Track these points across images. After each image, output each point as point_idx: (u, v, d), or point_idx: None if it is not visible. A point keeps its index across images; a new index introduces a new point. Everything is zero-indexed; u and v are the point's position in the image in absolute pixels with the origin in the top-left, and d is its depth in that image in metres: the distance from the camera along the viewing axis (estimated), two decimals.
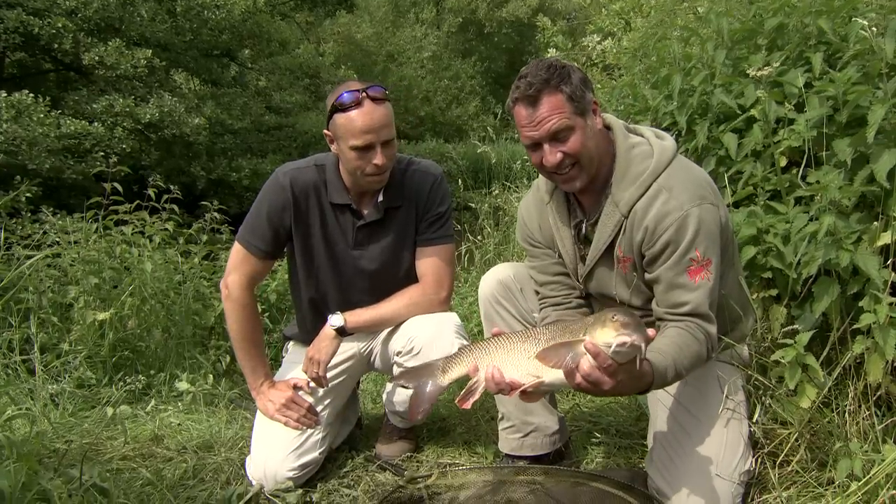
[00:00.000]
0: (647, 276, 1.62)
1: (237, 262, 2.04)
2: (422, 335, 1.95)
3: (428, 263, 2.06)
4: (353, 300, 2.06)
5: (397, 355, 2.00)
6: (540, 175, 1.80)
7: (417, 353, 1.94)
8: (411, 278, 2.10)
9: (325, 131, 1.95)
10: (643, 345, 1.24)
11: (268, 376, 2.08)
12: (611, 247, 1.65)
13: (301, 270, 2.10)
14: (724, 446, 1.62)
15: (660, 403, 1.76)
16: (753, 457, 1.68)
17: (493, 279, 1.96)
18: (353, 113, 1.84)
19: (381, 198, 2.02)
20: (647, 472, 1.72)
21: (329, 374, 2.05)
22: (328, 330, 1.98)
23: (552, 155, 1.57)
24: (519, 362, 1.38)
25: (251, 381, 2.07)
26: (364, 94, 1.84)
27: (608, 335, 1.25)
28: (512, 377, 1.39)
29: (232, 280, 2.03)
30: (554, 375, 1.35)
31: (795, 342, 1.63)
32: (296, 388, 2.04)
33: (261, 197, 2.04)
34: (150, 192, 3.57)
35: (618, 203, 1.61)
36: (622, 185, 1.61)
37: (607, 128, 1.68)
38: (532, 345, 1.38)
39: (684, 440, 1.65)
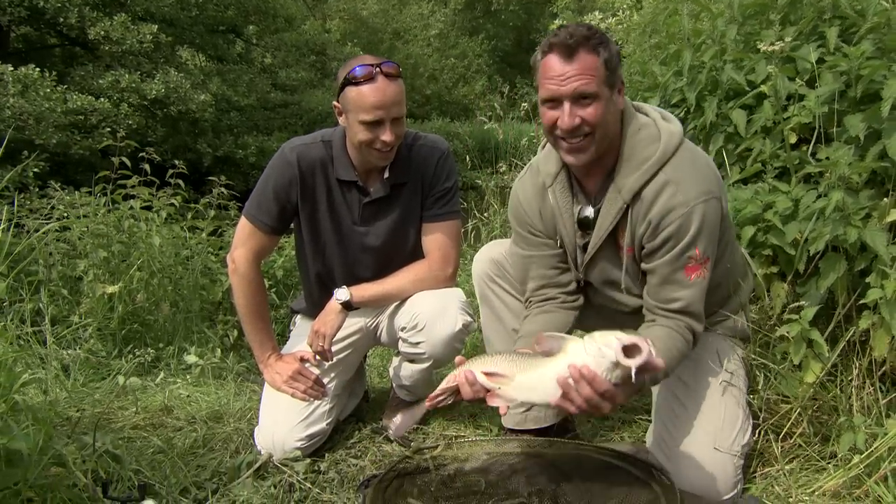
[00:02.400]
0: (643, 265, 1.61)
1: (244, 236, 2.05)
2: (426, 311, 1.96)
3: (434, 240, 2.06)
4: (359, 276, 2.07)
5: (402, 331, 2.02)
6: (539, 156, 1.74)
7: (422, 328, 1.96)
8: (417, 255, 2.10)
9: (335, 103, 1.94)
10: (651, 350, 1.24)
11: (275, 349, 2.10)
12: (612, 233, 1.62)
13: (308, 246, 2.11)
14: (723, 419, 1.63)
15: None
16: (753, 429, 1.69)
17: (486, 258, 1.96)
18: (366, 88, 1.82)
19: (387, 174, 2.01)
20: (649, 447, 1.74)
21: (335, 348, 2.07)
22: (334, 304, 1.99)
23: (570, 117, 1.48)
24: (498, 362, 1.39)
25: (258, 353, 2.10)
26: (378, 69, 1.82)
27: (610, 338, 1.25)
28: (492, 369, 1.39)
29: (238, 254, 2.04)
30: (541, 395, 1.35)
31: (800, 317, 1.64)
32: (302, 360, 2.06)
33: (267, 172, 2.03)
34: (145, 166, 3.56)
35: (620, 189, 1.56)
36: (626, 169, 1.56)
37: None
38: (514, 356, 1.39)
39: (683, 414, 1.67)
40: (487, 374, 1.39)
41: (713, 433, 1.62)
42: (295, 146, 2.02)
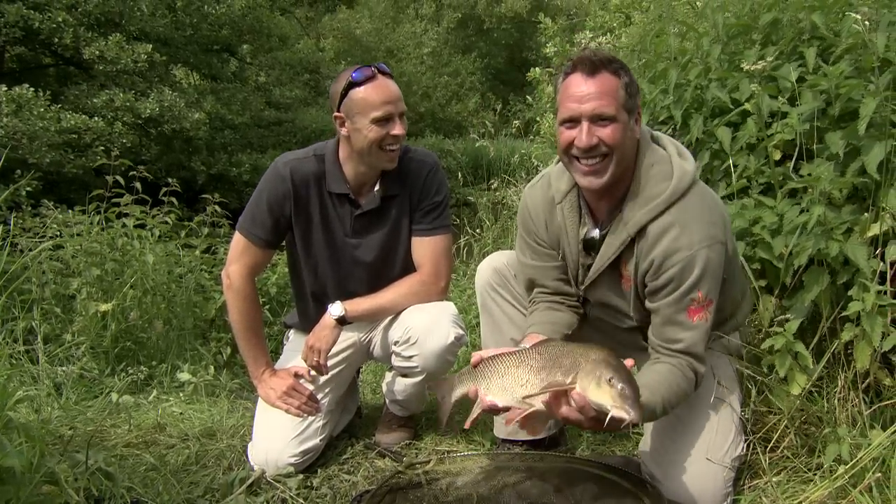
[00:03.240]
0: (647, 304, 1.63)
1: (238, 252, 2.06)
2: (418, 325, 1.98)
3: (426, 254, 2.08)
4: (351, 289, 2.09)
5: (395, 345, 2.04)
6: (554, 169, 1.75)
7: (414, 342, 1.97)
8: (408, 268, 2.12)
9: (336, 113, 1.96)
10: (639, 421, 1.27)
11: (269, 364, 2.11)
12: (616, 262, 1.64)
13: (301, 260, 2.12)
14: (716, 432, 1.65)
15: None
16: (744, 442, 1.71)
17: (488, 267, 1.99)
18: (370, 86, 1.88)
19: (377, 186, 2.04)
20: (641, 457, 1.75)
21: (329, 363, 2.08)
22: (328, 319, 2.01)
23: (588, 136, 1.50)
24: (513, 389, 1.42)
25: (252, 369, 2.11)
26: (375, 69, 1.90)
27: (604, 399, 1.27)
28: (505, 403, 1.42)
29: (233, 270, 2.06)
30: (542, 406, 1.39)
31: (785, 330, 1.67)
32: (297, 376, 2.07)
33: (261, 186, 2.05)
34: (137, 184, 3.58)
35: (627, 222, 1.57)
36: (635, 203, 1.56)
37: None
38: (524, 371, 1.41)
39: (677, 426, 1.69)
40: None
41: (706, 444, 1.64)
42: (288, 161, 2.05)
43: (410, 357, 2.00)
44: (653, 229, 1.54)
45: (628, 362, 1.35)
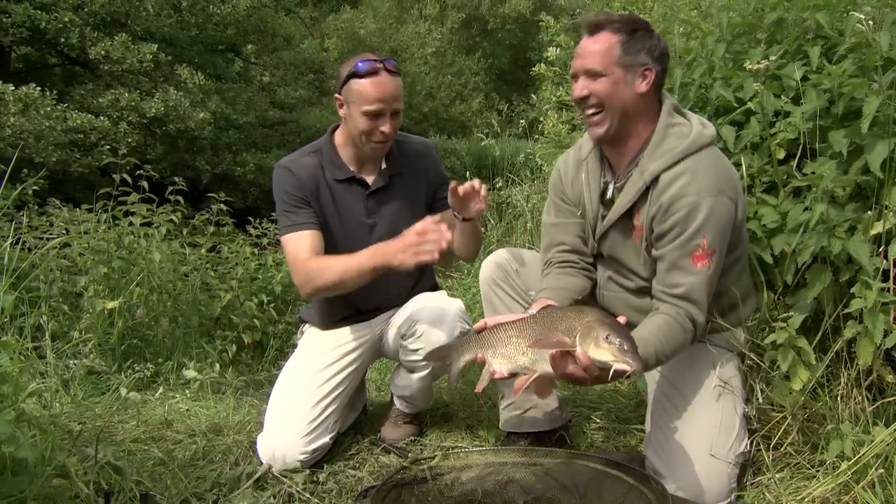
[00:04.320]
0: (653, 252, 1.68)
1: (294, 250, 2.00)
2: (424, 318, 2.02)
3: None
4: None
5: (402, 338, 2.07)
6: (584, 135, 1.88)
7: (420, 335, 2.01)
8: None
9: (337, 95, 2.02)
10: (641, 370, 1.31)
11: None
12: (629, 212, 1.71)
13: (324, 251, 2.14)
14: (719, 428, 1.67)
15: (657, 388, 1.81)
16: (748, 438, 1.72)
17: (491, 263, 2.03)
18: (369, 80, 1.92)
19: (384, 165, 2.11)
20: (645, 453, 1.77)
21: (344, 360, 2.12)
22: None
23: (579, 89, 1.65)
24: (515, 357, 1.46)
25: (370, 254, 1.90)
26: (381, 64, 1.94)
27: (605, 356, 1.31)
28: (510, 371, 1.46)
29: (300, 262, 1.97)
30: (544, 368, 1.43)
31: (788, 325, 1.68)
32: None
33: (277, 188, 2.07)
34: (144, 183, 3.61)
35: (643, 171, 1.65)
36: (653, 156, 1.65)
37: (660, 102, 1.72)
38: (524, 340, 1.45)
39: (680, 422, 1.70)
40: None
41: (709, 439, 1.65)
42: (287, 162, 2.09)
43: (416, 350, 2.03)
44: (665, 177, 1.62)
45: (620, 319, 1.42)
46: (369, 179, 2.11)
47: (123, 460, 1.84)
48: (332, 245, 2.11)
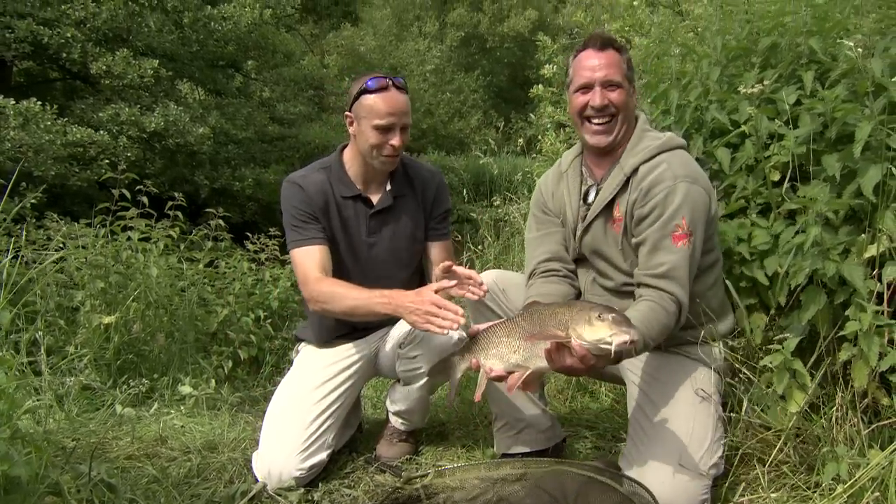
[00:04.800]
0: (634, 239, 1.76)
1: (303, 265, 2.02)
2: None
3: (447, 256, 2.22)
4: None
5: (400, 348, 2.09)
6: (562, 155, 2.04)
7: (419, 341, 2.04)
8: (417, 273, 2.23)
9: (347, 113, 2.08)
10: (638, 339, 1.35)
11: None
12: (610, 205, 1.82)
13: None
14: (690, 439, 1.68)
15: (634, 398, 1.83)
16: (723, 451, 1.73)
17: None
18: (380, 96, 1.99)
19: (389, 186, 2.15)
20: (620, 465, 1.77)
21: (340, 377, 2.12)
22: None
23: (602, 97, 1.79)
24: (507, 357, 1.52)
25: (384, 301, 1.88)
26: (391, 81, 2.01)
27: (602, 333, 1.35)
28: (505, 369, 1.52)
29: (311, 285, 1.99)
30: (536, 364, 1.49)
31: (783, 347, 1.69)
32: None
33: (285, 204, 2.10)
34: (143, 198, 3.62)
35: (623, 167, 1.80)
36: (631, 153, 1.81)
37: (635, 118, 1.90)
38: (515, 339, 1.52)
39: (651, 432, 1.72)
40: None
41: (679, 452, 1.66)
42: (296, 177, 2.13)
43: (415, 357, 2.04)
44: (643, 168, 1.76)
45: None
46: (374, 199, 2.15)
47: (117, 477, 1.83)
48: (336, 259, 2.13)
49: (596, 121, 1.82)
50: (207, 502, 1.85)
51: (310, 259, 2.04)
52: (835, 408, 1.74)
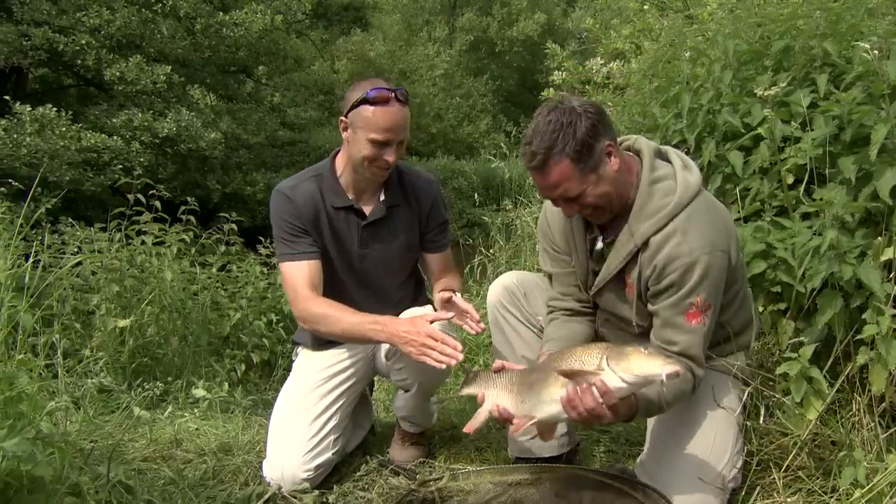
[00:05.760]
0: (649, 307, 1.67)
1: (293, 279, 2.01)
2: None
3: (447, 265, 2.21)
4: (363, 301, 2.11)
5: (387, 359, 2.07)
6: None
7: (401, 354, 1.95)
8: (412, 277, 2.22)
9: (342, 118, 2.00)
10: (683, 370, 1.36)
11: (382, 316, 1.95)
12: (621, 272, 1.69)
13: None
14: (710, 452, 1.66)
15: None
16: (741, 464, 1.71)
17: (500, 286, 2.04)
18: (379, 109, 1.91)
19: (383, 196, 2.10)
20: (636, 473, 1.76)
21: (338, 378, 2.13)
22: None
23: (569, 209, 1.64)
24: (515, 402, 1.52)
25: (378, 328, 1.88)
26: (393, 94, 1.92)
27: (654, 366, 1.35)
28: (514, 412, 1.51)
29: (301, 303, 1.99)
30: (549, 412, 1.47)
31: (799, 355, 1.68)
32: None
33: (274, 215, 2.07)
34: (156, 203, 3.65)
35: (633, 233, 1.62)
36: (640, 216, 1.62)
37: (637, 152, 1.69)
38: (527, 386, 1.51)
39: (671, 446, 1.70)
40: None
41: (699, 466, 1.64)
42: (286, 186, 2.08)
43: (400, 369, 2.03)
44: (655, 240, 1.59)
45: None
46: (367, 209, 2.10)
47: (134, 479, 1.84)
48: (329, 269, 2.11)
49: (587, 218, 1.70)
50: None
51: (300, 275, 1.99)
52: (852, 412, 1.73)
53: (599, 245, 1.73)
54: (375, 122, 1.91)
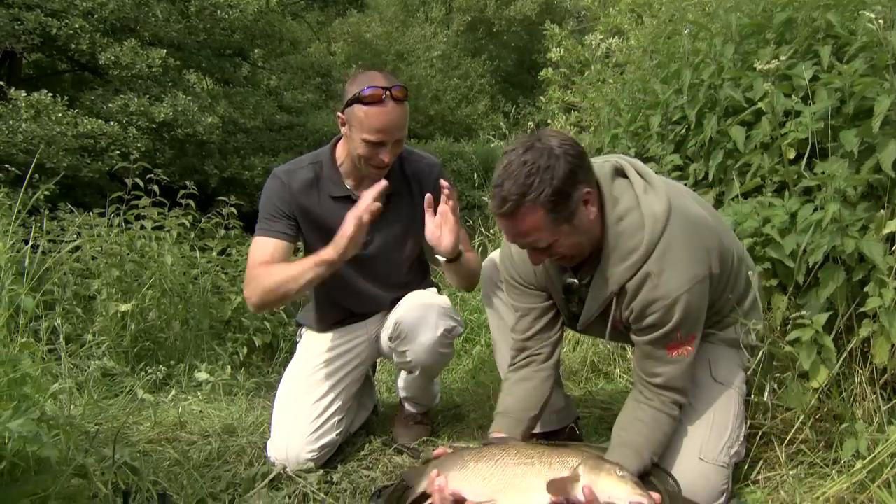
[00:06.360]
0: (631, 336, 1.64)
1: (255, 252, 1.98)
2: (407, 320, 2.02)
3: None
4: (362, 288, 2.12)
5: (390, 341, 2.08)
6: None
7: (405, 337, 2.01)
8: (415, 265, 2.20)
9: (339, 114, 1.96)
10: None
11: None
12: (603, 311, 1.64)
13: None
14: (711, 429, 1.65)
15: None
16: (744, 437, 1.71)
17: (491, 263, 2.03)
18: (374, 109, 1.84)
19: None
20: None
21: (342, 360, 2.14)
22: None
23: (536, 258, 1.55)
24: (482, 484, 1.41)
25: (329, 254, 1.83)
26: (388, 92, 1.84)
27: (621, 489, 1.34)
28: (473, 498, 1.41)
29: (250, 267, 1.95)
30: (512, 499, 1.39)
31: (812, 322, 1.67)
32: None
33: (266, 195, 2.04)
34: (154, 187, 3.64)
35: (609, 278, 1.56)
36: (613, 259, 1.54)
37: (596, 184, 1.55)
38: (493, 467, 1.42)
39: None
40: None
41: (699, 443, 1.64)
42: (284, 170, 2.06)
43: (404, 352, 2.04)
44: (631, 285, 1.53)
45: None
46: None
47: (140, 461, 1.86)
48: None
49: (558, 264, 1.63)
50: (228, 484, 1.88)
51: (261, 250, 1.96)
52: (854, 385, 1.73)
53: (570, 280, 1.66)
54: (369, 123, 1.85)
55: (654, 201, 1.53)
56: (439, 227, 1.89)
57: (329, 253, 1.81)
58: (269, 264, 1.93)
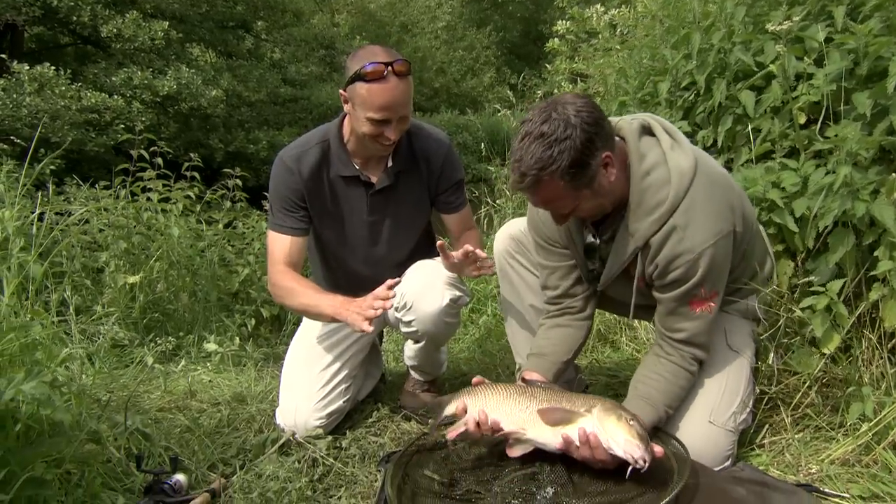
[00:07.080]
0: (654, 293, 1.64)
1: (275, 249, 2.02)
2: (412, 289, 2.01)
3: (466, 224, 2.19)
4: (372, 270, 2.11)
5: (396, 311, 2.07)
6: None
7: (410, 307, 2.00)
8: (423, 243, 2.18)
9: (342, 91, 1.92)
10: (645, 465, 1.34)
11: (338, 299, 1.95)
12: (625, 268, 1.65)
13: (324, 245, 2.15)
14: (721, 394, 1.66)
15: None
16: (752, 404, 1.72)
17: (506, 235, 2.01)
18: (376, 86, 1.79)
19: (390, 163, 2.04)
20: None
21: (348, 328, 2.11)
22: None
23: (560, 220, 1.59)
24: (511, 410, 1.50)
25: (339, 313, 1.86)
26: (390, 68, 1.79)
27: (621, 433, 1.36)
28: (500, 421, 1.49)
29: (273, 274, 2.01)
30: (537, 433, 1.47)
31: (827, 289, 1.66)
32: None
33: (273, 182, 2.04)
34: (158, 160, 3.63)
35: (633, 234, 1.56)
36: (638, 213, 1.54)
37: (622, 138, 1.58)
38: (527, 399, 1.50)
39: None
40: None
41: (709, 407, 1.65)
42: (291, 154, 2.03)
43: (410, 322, 2.03)
44: (655, 240, 1.53)
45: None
46: (374, 178, 2.03)
47: (151, 427, 1.88)
48: (334, 243, 2.11)
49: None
50: (239, 450, 1.90)
51: (280, 248, 2.00)
52: (861, 350, 1.73)
53: (591, 239, 1.68)
54: (372, 101, 1.81)
55: (681, 157, 1.53)
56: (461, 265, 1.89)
57: (333, 310, 1.86)
58: (289, 267, 2.00)
